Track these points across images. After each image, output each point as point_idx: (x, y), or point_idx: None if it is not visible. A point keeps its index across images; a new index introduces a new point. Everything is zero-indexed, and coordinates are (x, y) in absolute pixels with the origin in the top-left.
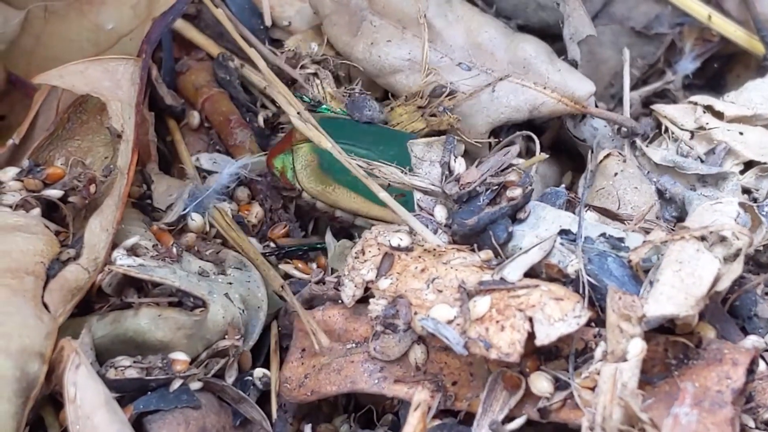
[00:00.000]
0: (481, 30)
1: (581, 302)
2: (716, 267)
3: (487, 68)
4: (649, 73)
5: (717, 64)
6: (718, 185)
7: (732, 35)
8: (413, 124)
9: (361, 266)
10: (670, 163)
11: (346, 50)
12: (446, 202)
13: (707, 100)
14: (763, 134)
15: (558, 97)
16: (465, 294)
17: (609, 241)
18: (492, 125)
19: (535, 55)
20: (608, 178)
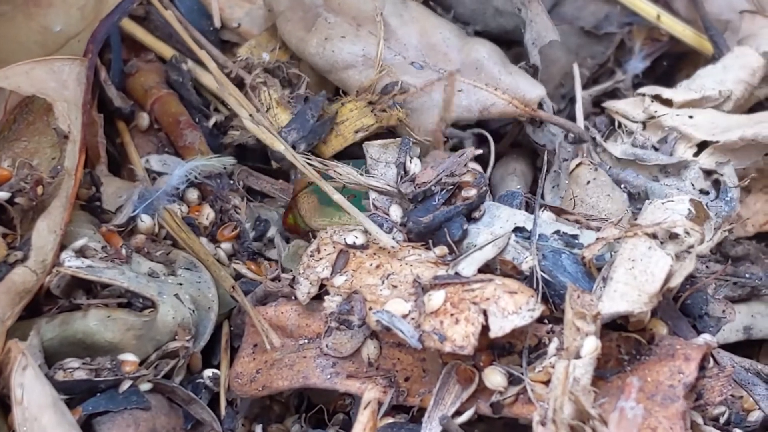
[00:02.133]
0: (435, 31)
1: (535, 296)
2: (668, 264)
3: (440, 68)
4: (599, 72)
5: (666, 63)
6: (680, 174)
7: (681, 34)
8: (363, 119)
9: (317, 264)
10: (630, 157)
11: (300, 46)
12: (402, 201)
13: (655, 90)
14: (713, 115)
15: (509, 99)
16: (420, 288)
17: (563, 239)
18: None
19: (487, 57)
20: (581, 186)
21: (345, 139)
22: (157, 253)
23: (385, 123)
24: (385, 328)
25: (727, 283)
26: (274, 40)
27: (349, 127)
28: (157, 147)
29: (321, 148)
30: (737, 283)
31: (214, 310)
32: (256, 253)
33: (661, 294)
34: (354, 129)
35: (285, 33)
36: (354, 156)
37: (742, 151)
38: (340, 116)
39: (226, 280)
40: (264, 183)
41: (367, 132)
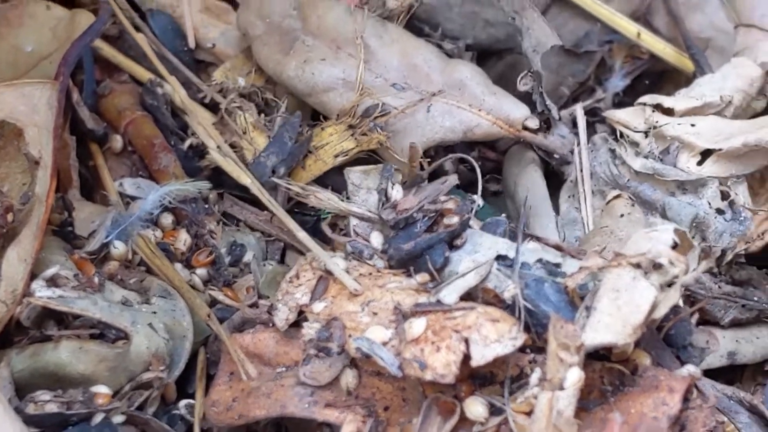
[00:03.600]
0: (416, 52)
1: (517, 325)
2: (653, 295)
3: (422, 89)
4: (580, 91)
5: (647, 82)
6: (698, 192)
7: (661, 52)
8: (343, 143)
9: (296, 290)
10: (649, 171)
11: (278, 69)
12: (383, 228)
13: (655, 99)
14: (714, 121)
15: (493, 119)
16: (400, 316)
17: (546, 267)
18: (426, 145)
19: (470, 77)
20: (614, 218)
21: (325, 163)
22: (131, 281)
23: (365, 147)
24: (365, 356)
25: (736, 305)
26: (250, 63)
27: (329, 152)
28: (131, 170)
29: (300, 174)
30: (745, 306)
31: (189, 338)
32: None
33: (645, 325)
34: (334, 153)
35: (262, 57)
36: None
37: (747, 157)
38: (320, 140)
39: (202, 308)
40: (248, 213)
41: (348, 156)
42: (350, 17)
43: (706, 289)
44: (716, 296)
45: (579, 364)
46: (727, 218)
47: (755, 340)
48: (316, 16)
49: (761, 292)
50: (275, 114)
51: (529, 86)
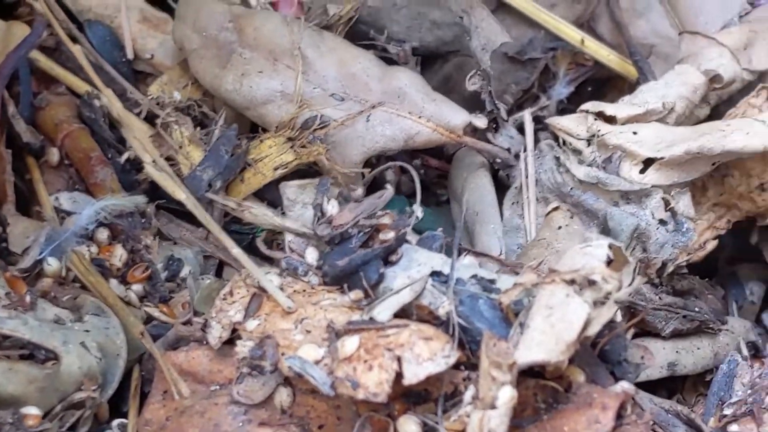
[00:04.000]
0: (354, 61)
1: (451, 343)
2: (586, 312)
3: (361, 98)
4: (523, 98)
5: (591, 89)
6: (641, 202)
7: (605, 59)
8: (282, 156)
9: (229, 307)
10: (593, 180)
11: (215, 83)
12: (318, 244)
13: (598, 106)
14: (657, 129)
15: (433, 126)
16: (333, 334)
17: (480, 283)
18: (367, 155)
19: (409, 84)
20: (552, 230)
21: (264, 176)
22: (64, 298)
23: (305, 159)
24: (298, 375)
25: (677, 316)
26: (187, 76)
27: (268, 165)
28: (67, 183)
29: (239, 187)
30: (686, 317)
31: (123, 357)
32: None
33: (578, 343)
34: (273, 166)
35: (199, 71)
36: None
37: (689, 164)
38: (259, 153)
39: (135, 325)
40: (183, 231)
41: (287, 169)
42: (287, 28)
43: (647, 301)
44: (657, 307)
45: (511, 383)
46: (669, 229)
47: (695, 351)
48: (252, 29)
49: (703, 302)
50: (212, 127)
51: (478, 85)
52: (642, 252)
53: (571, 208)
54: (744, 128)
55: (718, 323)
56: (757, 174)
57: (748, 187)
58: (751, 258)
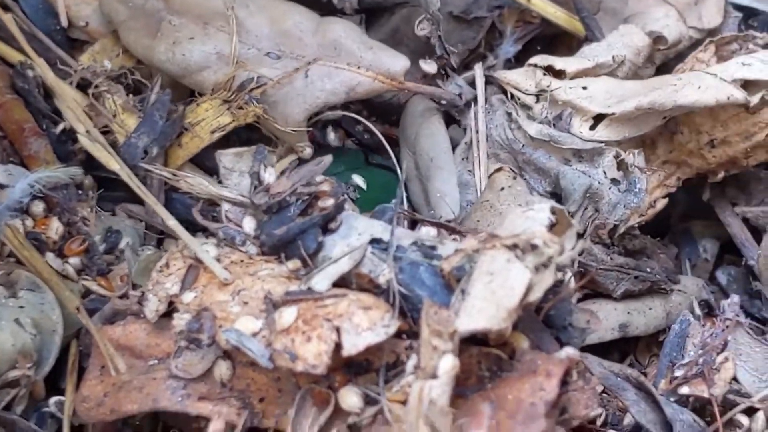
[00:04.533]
0: (285, 17)
1: (391, 312)
2: (527, 277)
3: (297, 54)
4: (470, 58)
5: (539, 47)
6: (594, 160)
7: (552, 16)
8: (219, 118)
9: (165, 280)
10: (545, 137)
11: (147, 54)
12: (256, 213)
13: (546, 60)
14: (607, 83)
15: (373, 75)
16: (271, 305)
17: (421, 250)
18: (309, 111)
19: (345, 35)
20: (494, 191)
21: (201, 140)
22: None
23: (242, 121)
24: (235, 348)
25: (629, 277)
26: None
27: (205, 128)
28: (1, 156)
29: (177, 152)
30: (638, 277)
31: (59, 332)
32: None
33: (520, 309)
34: (210, 129)
35: (130, 43)
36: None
37: (639, 119)
38: (196, 117)
39: (71, 300)
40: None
41: (225, 131)
42: None
43: (598, 261)
44: (608, 268)
45: (453, 351)
46: (621, 189)
47: (647, 312)
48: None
49: (655, 262)
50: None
51: (427, 30)
52: (594, 212)
53: (522, 165)
54: (695, 82)
55: (669, 283)
56: (707, 130)
57: (698, 143)
58: (704, 215)
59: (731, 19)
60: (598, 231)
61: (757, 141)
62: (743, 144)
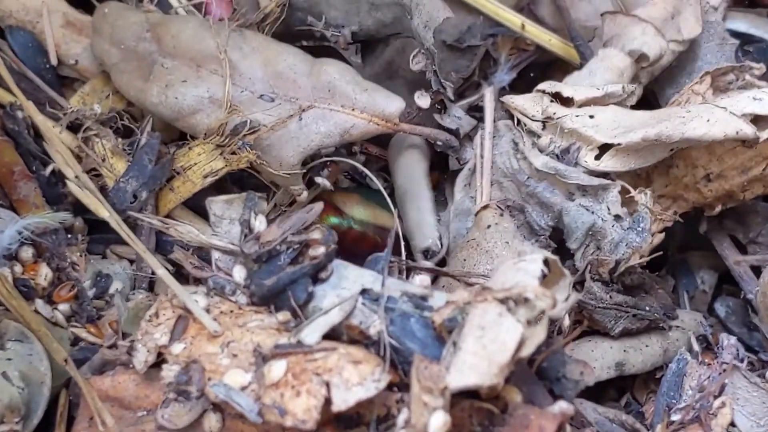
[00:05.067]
0: (279, 58)
1: (381, 366)
2: (519, 332)
3: (291, 97)
4: (465, 87)
5: (533, 74)
6: (598, 195)
7: (547, 44)
8: (211, 163)
9: (155, 330)
10: (551, 170)
11: (140, 97)
12: (246, 262)
13: (555, 87)
14: (614, 113)
15: (368, 117)
16: (260, 358)
17: (412, 301)
18: (303, 154)
19: (339, 77)
20: (481, 229)
21: (194, 184)
22: None
23: (235, 166)
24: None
25: (627, 315)
26: (111, 84)
27: (197, 172)
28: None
29: (169, 196)
30: (636, 316)
31: (47, 384)
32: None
33: (512, 364)
34: (203, 174)
35: (122, 85)
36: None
37: (646, 150)
38: (188, 161)
39: (59, 352)
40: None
41: (217, 176)
42: (207, 32)
43: (597, 300)
44: (607, 306)
45: (444, 407)
46: (624, 226)
47: (644, 349)
48: (170, 36)
49: (653, 298)
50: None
51: (422, 64)
52: (596, 249)
53: (525, 198)
54: (704, 115)
55: (668, 320)
56: (703, 164)
57: (694, 177)
58: (702, 246)
59: (728, 47)
60: (598, 269)
61: (754, 175)
62: (740, 178)
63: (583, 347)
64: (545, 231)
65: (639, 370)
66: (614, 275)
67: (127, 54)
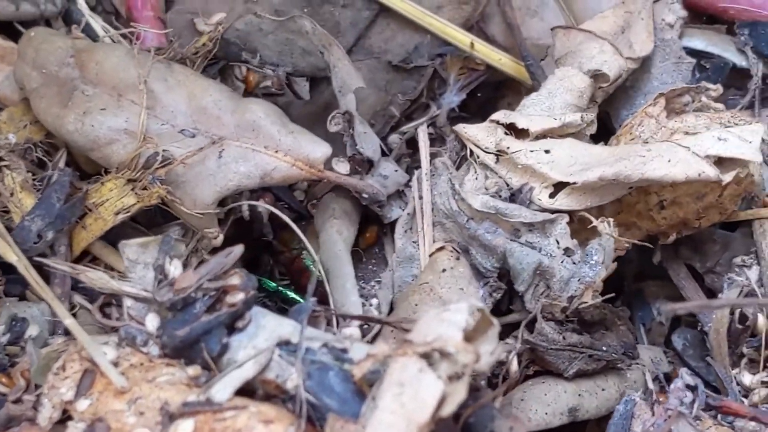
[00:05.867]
0: (204, 94)
1: (295, 424)
2: (439, 390)
3: (213, 134)
4: (412, 109)
5: (483, 95)
6: (545, 229)
7: (497, 63)
8: (123, 199)
9: (61, 384)
10: (491, 210)
11: (57, 123)
12: (160, 310)
13: (509, 117)
14: (572, 147)
15: (291, 161)
16: (167, 417)
17: (332, 352)
18: (220, 194)
19: (264, 117)
20: (435, 273)
21: (105, 222)
22: None
23: (147, 202)
24: None
25: (582, 356)
26: (31, 114)
27: (109, 209)
28: None
29: (81, 234)
30: (592, 356)
31: None
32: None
33: (432, 423)
34: (114, 211)
35: (40, 112)
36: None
37: (604, 188)
38: (100, 197)
39: None
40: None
41: (129, 213)
42: (132, 61)
43: (549, 341)
44: (560, 348)
45: None
46: (575, 260)
47: (600, 393)
48: (94, 63)
49: (613, 334)
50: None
51: (340, 127)
52: (546, 288)
53: (468, 240)
54: (665, 155)
55: (627, 360)
56: (656, 191)
57: (647, 204)
58: (658, 275)
59: (684, 66)
60: (550, 309)
61: (709, 201)
62: (694, 205)
63: (535, 390)
64: (492, 273)
65: (593, 415)
66: (567, 313)
67: (48, 79)
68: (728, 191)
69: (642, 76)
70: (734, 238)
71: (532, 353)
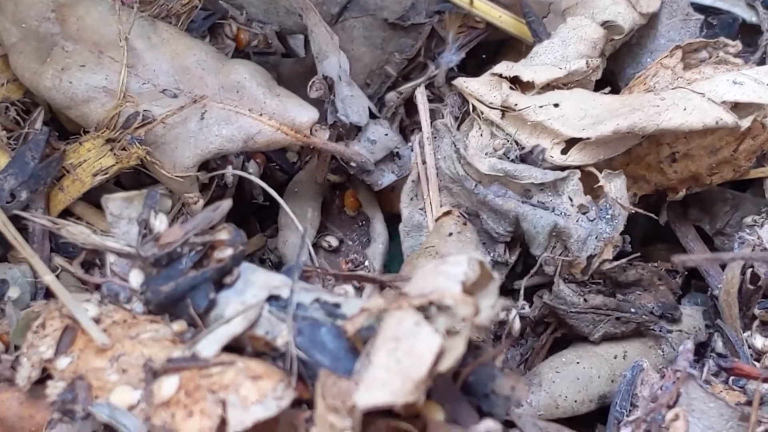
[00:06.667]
0: (188, 53)
1: (285, 381)
2: (437, 344)
3: (196, 94)
4: (409, 68)
5: (484, 56)
6: (557, 187)
7: (498, 21)
8: (101, 160)
9: (40, 342)
10: (500, 173)
11: (34, 80)
12: (144, 265)
13: (512, 70)
14: (581, 99)
15: (276, 125)
16: (151, 373)
17: (324, 308)
18: (201, 157)
19: (249, 78)
20: (441, 236)
21: (83, 183)
22: None
23: (125, 163)
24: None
25: (608, 319)
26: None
27: (87, 170)
28: None
29: (59, 196)
30: (620, 319)
31: None
32: None
33: (429, 380)
34: (92, 172)
35: (17, 67)
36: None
37: (616, 140)
38: (78, 157)
39: None
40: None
41: (108, 174)
42: (114, 17)
43: (568, 305)
44: (581, 311)
45: (353, 429)
46: (590, 217)
47: None
48: (75, 18)
49: (651, 295)
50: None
51: (320, 93)
52: (563, 249)
53: (477, 206)
54: (680, 103)
55: (660, 323)
56: (668, 142)
57: (658, 156)
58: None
59: (692, 23)
60: (570, 270)
61: (723, 156)
62: (708, 159)
63: (567, 372)
64: (505, 237)
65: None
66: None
67: (27, 33)
68: (744, 146)
69: (648, 33)
70: (745, 198)
71: (555, 317)
